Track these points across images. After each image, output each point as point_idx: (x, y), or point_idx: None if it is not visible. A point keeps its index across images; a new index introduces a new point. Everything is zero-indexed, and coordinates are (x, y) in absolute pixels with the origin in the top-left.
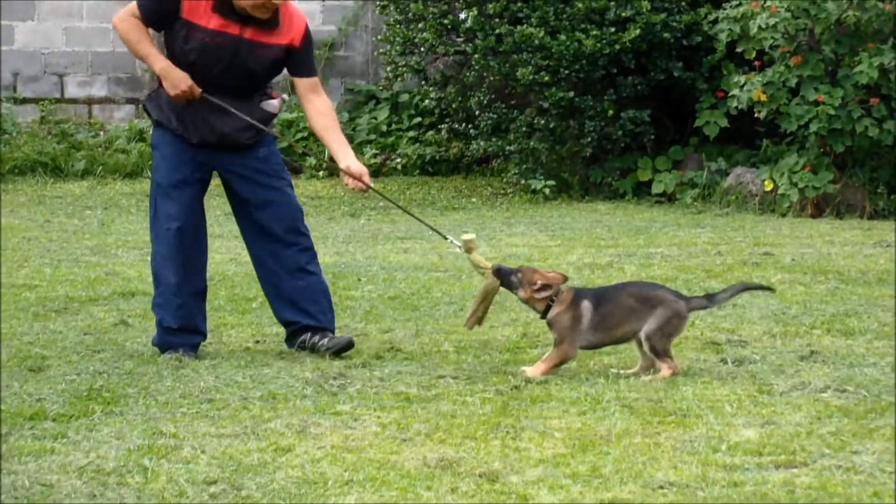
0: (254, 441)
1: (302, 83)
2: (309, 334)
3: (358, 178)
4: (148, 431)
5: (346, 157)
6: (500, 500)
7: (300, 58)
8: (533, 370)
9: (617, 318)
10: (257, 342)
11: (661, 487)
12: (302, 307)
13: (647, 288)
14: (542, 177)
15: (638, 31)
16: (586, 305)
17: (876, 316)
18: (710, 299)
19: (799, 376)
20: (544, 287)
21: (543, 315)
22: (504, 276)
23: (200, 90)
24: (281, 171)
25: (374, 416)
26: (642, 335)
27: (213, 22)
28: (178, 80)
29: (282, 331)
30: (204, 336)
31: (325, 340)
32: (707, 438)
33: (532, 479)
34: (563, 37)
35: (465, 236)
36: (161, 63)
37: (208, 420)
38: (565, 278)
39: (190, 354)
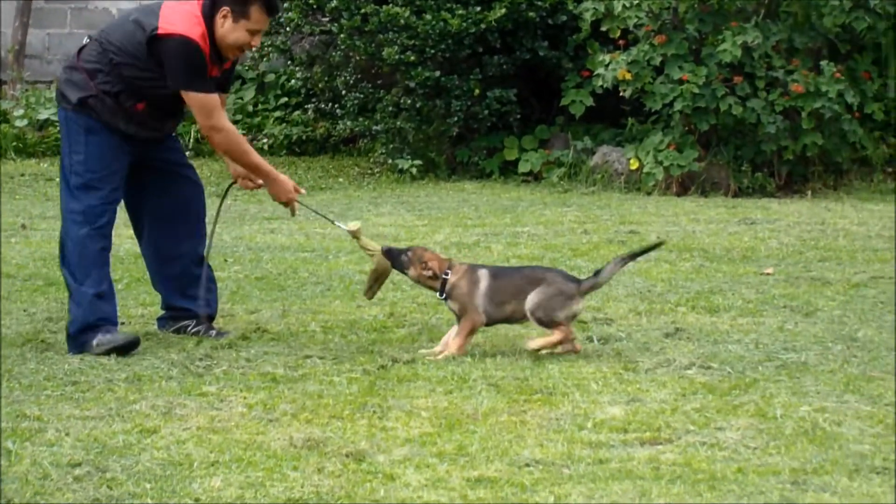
0: (119, 423)
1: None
2: (194, 322)
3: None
4: (12, 414)
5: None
6: (367, 479)
7: (226, 77)
8: (453, 349)
9: (508, 294)
10: (122, 324)
11: (528, 465)
12: (194, 295)
13: (540, 271)
14: (408, 156)
15: (503, 11)
16: (483, 273)
17: (740, 293)
18: (597, 275)
19: (664, 353)
20: (439, 263)
21: (441, 292)
22: (394, 258)
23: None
24: (186, 157)
25: (241, 396)
26: (527, 311)
27: (213, 71)
28: (289, 188)
29: (147, 312)
30: None
31: (213, 333)
32: (573, 416)
33: (399, 458)
34: (428, 16)
35: (352, 224)
36: (271, 169)
37: (73, 402)
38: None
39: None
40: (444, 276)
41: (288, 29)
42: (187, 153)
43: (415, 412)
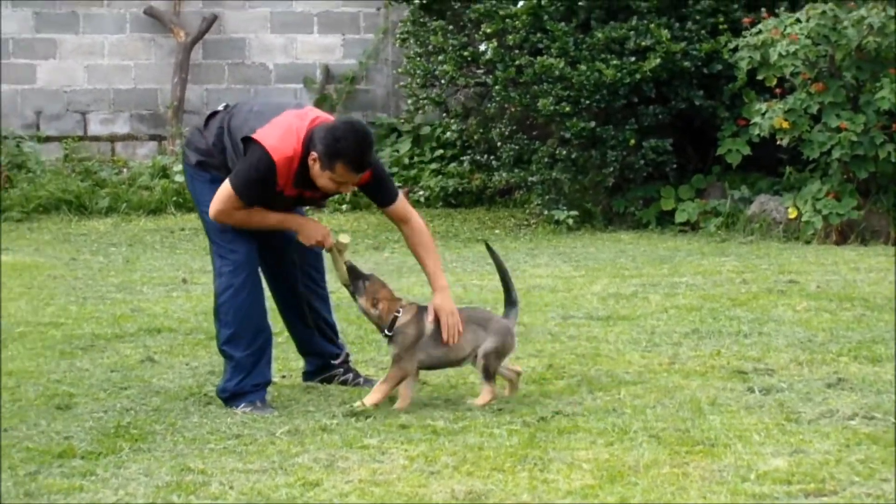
0: (282, 476)
1: (388, 212)
2: (342, 370)
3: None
4: (176, 468)
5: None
6: None
7: (372, 189)
8: (371, 397)
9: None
10: (283, 377)
11: None
12: (340, 340)
13: (478, 312)
14: (564, 207)
15: (658, 61)
16: (429, 319)
17: None
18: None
19: (826, 404)
20: (392, 302)
21: (389, 328)
22: (353, 277)
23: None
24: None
25: (402, 449)
26: (480, 353)
27: (292, 191)
28: (316, 232)
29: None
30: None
31: (361, 380)
32: (735, 468)
33: None
34: (583, 67)
35: (343, 236)
36: (296, 220)
37: (236, 456)
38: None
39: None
40: (396, 314)
41: (443, 82)
42: (343, 206)
43: (576, 464)
